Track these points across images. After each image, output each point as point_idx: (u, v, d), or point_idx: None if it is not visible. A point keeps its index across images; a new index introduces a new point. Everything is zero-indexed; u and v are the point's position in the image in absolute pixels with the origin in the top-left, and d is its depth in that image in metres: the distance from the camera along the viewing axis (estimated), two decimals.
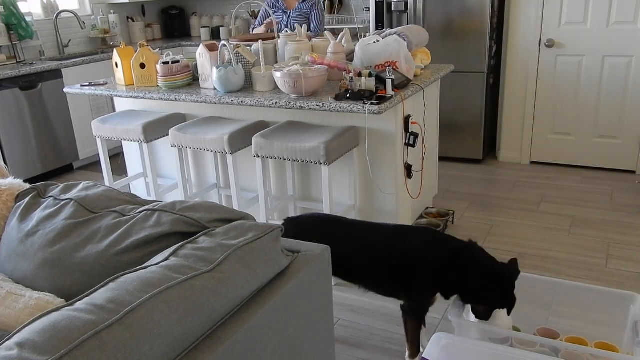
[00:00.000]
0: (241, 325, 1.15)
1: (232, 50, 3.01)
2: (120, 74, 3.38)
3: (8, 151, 4.29)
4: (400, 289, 2.08)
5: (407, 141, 2.94)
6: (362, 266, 2.11)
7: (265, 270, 1.27)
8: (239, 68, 3.01)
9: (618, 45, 3.90)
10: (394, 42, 2.91)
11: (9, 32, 4.70)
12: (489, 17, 4.07)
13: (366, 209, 3.05)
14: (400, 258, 2.03)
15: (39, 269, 1.40)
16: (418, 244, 2.05)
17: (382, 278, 2.07)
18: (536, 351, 1.94)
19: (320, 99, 2.73)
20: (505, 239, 3.21)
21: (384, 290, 2.14)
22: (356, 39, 3.40)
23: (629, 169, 4.12)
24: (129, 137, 3.22)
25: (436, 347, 1.82)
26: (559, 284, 2.23)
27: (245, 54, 3.09)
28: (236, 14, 6.04)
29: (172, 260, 1.19)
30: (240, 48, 3.09)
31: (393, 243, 2.07)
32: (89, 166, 5.03)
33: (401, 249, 2.05)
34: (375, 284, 2.13)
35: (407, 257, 2.03)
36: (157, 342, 0.99)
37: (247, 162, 3.28)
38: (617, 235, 3.20)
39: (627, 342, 2.01)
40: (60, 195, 1.57)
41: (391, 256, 2.04)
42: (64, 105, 4.68)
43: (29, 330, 0.95)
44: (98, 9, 5.59)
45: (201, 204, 1.45)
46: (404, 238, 2.09)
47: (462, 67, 4.20)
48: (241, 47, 3.09)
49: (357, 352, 2.31)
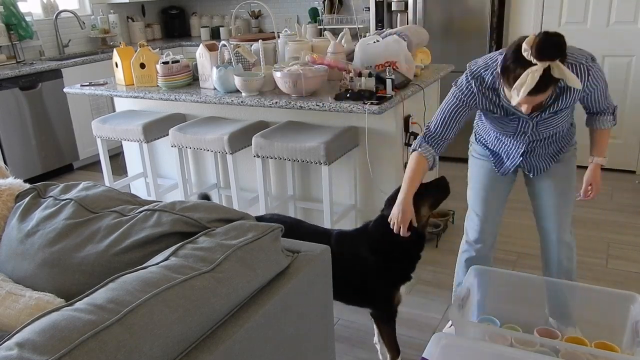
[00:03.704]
0: (241, 325, 1.15)
1: (232, 50, 3.01)
2: (120, 74, 3.38)
3: (8, 151, 4.29)
4: (360, 298, 2.06)
5: (407, 141, 2.94)
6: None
7: (265, 270, 1.27)
8: (239, 68, 3.01)
9: (618, 45, 3.90)
10: (394, 42, 2.91)
11: (9, 32, 4.70)
12: (489, 17, 4.07)
13: (366, 209, 3.05)
14: (344, 267, 1.99)
15: (39, 269, 1.40)
16: (352, 249, 2.03)
17: (339, 287, 1.96)
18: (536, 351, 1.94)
19: (320, 99, 2.73)
20: (506, 239, 3.21)
21: (347, 299, 2.12)
22: (356, 39, 3.39)
23: (629, 169, 4.12)
24: (129, 137, 3.22)
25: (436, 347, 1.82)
26: (559, 284, 2.23)
27: (245, 54, 3.09)
28: (236, 14, 6.04)
29: (172, 260, 1.19)
30: (240, 48, 3.09)
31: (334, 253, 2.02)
32: (89, 166, 5.03)
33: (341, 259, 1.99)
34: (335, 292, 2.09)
35: (349, 265, 2.02)
36: (157, 342, 0.99)
37: (247, 162, 3.28)
38: (617, 235, 3.20)
39: (627, 342, 2.01)
40: (60, 195, 1.57)
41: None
42: (64, 105, 4.68)
43: (29, 330, 0.95)
44: (98, 8, 5.59)
45: (201, 204, 1.45)
46: (340, 247, 2.05)
47: (462, 67, 4.17)
48: (241, 47, 3.10)
49: (357, 352, 2.31)
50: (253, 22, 5.93)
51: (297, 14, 5.73)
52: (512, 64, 1.69)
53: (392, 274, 2.01)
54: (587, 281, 2.73)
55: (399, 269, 2.02)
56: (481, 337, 2.05)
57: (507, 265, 2.94)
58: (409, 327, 2.48)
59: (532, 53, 1.63)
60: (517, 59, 1.67)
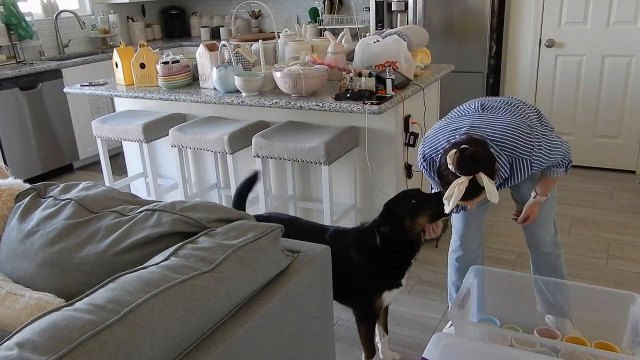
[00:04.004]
0: (241, 325, 1.15)
1: (232, 50, 3.01)
2: (120, 74, 3.38)
3: (8, 151, 4.29)
4: (345, 296, 2.06)
5: (407, 141, 2.94)
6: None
7: (265, 270, 1.27)
8: (239, 68, 3.01)
9: (618, 45, 3.90)
10: (394, 42, 2.91)
11: (9, 32, 4.70)
12: (489, 17, 4.07)
13: (366, 209, 3.05)
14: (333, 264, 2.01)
15: (39, 269, 1.40)
16: (340, 247, 2.02)
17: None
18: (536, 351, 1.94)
19: (320, 99, 2.73)
20: (506, 239, 3.21)
21: (334, 296, 2.13)
22: (356, 39, 3.40)
23: (629, 169, 4.12)
24: (129, 137, 3.22)
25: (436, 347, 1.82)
26: (559, 284, 2.23)
27: (245, 54, 3.09)
28: (236, 14, 6.04)
29: (172, 260, 1.19)
30: (240, 48, 3.09)
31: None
32: (89, 166, 5.03)
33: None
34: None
35: (337, 262, 2.02)
36: (157, 342, 0.99)
37: (247, 162, 3.28)
38: (617, 235, 3.20)
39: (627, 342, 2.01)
40: (60, 195, 1.57)
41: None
42: (64, 105, 4.68)
43: (29, 330, 0.95)
44: (98, 8, 5.59)
45: (201, 204, 1.45)
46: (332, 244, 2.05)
47: (462, 67, 4.20)
48: (241, 47, 3.10)
49: (357, 352, 2.31)
50: (253, 22, 5.93)
51: (297, 14, 5.73)
52: (444, 171, 1.75)
53: (377, 278, 2.00)
54: (587, 281, 2.73)
55: (385, 273, 2.00)
56: (481, 337, 2.05)
57: (507, 265, 2.94)
58: (409, 327, 2.48)
59: (454, 167, 1.69)
60: (448, 167, 1.73)
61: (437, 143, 1.93)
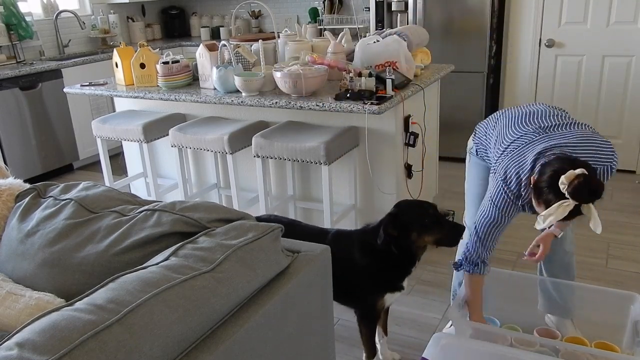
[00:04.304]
0: (241, 325, 1.15)
1: (232, 50, 3.01)
2: (120, 74, 3.38)
3: (8, 151, 4.29)
4: (347, 297, 2.06)
5: (407, 141, 2.94)
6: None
7: (265, 270, 1.27)
8: (239, 68, 3.01)
9: (618, 45, 3.90)
10: (394, 42, 2.91)
11: (9, 32, 4.70)
12: (489, 17, 4.07)
13: (366, 209, 3.05)
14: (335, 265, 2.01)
15: (39, 269, 1.40)
16: (342, 248, 2.02)
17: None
18: (536, 351, 1.94)
19: (320, 99, 2.73)
20: (506, 239, 3.21)
21: (335, 297, 2.13)
22: (356, 39, 3.40)
23: (629, 169, 4.12)
24: (129, 137, 3.22)
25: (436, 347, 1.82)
26: (559, 284, 2.23)
27: (245, 54, 3.09)
28: (236, 14, 6.04)
29: (172, 260, 1.19)
30: (240, 48, 3.09)
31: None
32: (89, 166, 5.03)
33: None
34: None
35: (339, 264, 2.02)
36: (157, 342, 0.99)
37: (247, 162, 3.28)
38: (617, 235, 3.20)
39: (627, 342, 2.01)
40: (60, 195, 1.57)
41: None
42: (64, 105, 4.68)
43: (29, 330, 0.95)
44: (98, 9, 5.59)
45: (201, 204, 1.45)
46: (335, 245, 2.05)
47: (462, 67, 4.20)
48: (241, 47, 3.10)
49: (357, 352, 2.31)
50: (253, 22, 5.93)
51: (297, 14, 5.73)
52: (546, 188, 1.64)
53: (379, 280, 2.00)
54: (587, 281, 2.73)
55: (386, 277, 2.01)
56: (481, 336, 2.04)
57: (507, 265, 2.94)
58: (409, 327, 2.48)
59: (568, 191, 1.57)
60: (552, 185, 1.62)
61: (522, 160, 1.81)
